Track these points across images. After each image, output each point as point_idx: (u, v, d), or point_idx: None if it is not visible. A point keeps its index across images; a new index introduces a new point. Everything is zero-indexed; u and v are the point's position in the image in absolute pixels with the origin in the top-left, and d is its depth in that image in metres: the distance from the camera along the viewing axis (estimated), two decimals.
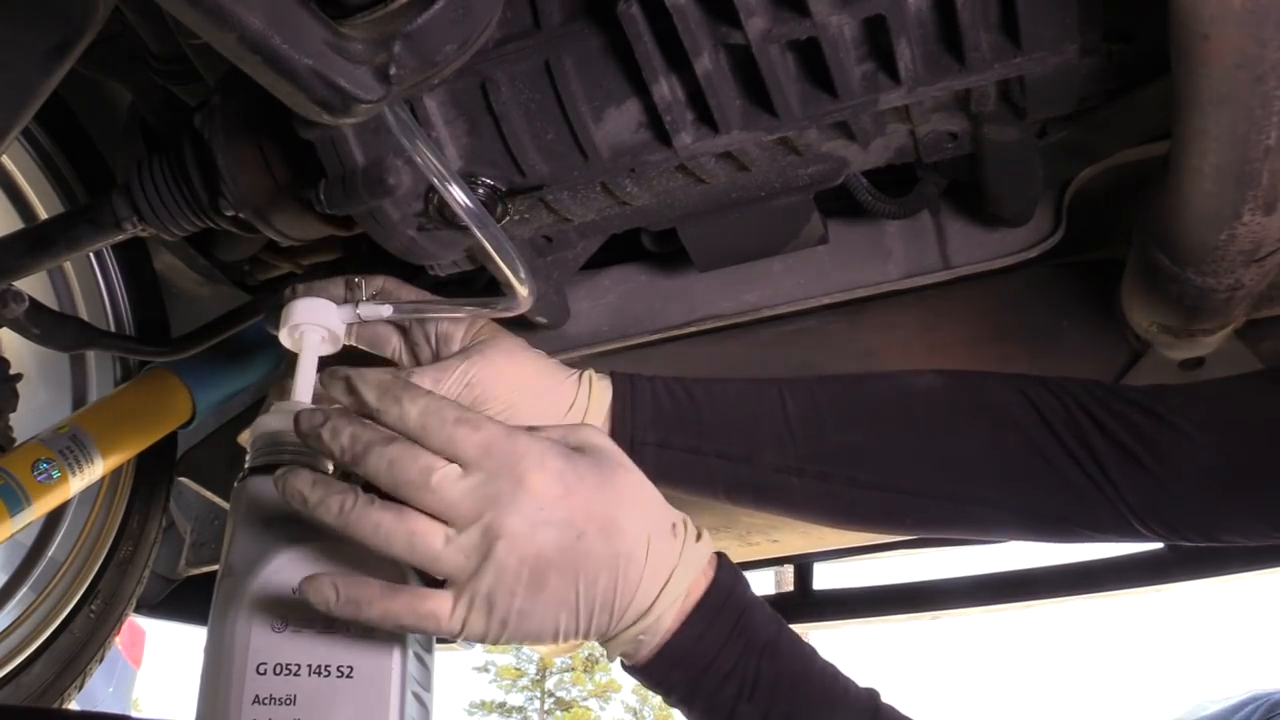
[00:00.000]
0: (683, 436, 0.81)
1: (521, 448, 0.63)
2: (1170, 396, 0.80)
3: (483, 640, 0.63)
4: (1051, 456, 0.79)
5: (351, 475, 0.64)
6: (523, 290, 0.75)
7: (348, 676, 0.63)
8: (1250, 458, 0.76)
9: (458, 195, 0.70)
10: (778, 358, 1.26)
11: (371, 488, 0.62)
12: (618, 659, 0.67)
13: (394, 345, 0.87)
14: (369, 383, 0.63)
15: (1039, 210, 0.99)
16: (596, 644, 0.66)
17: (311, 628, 0.65)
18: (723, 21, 0.72)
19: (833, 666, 0.67)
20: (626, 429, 0.81)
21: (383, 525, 0.60)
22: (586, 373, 0.83)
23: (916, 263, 1.04)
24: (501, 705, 20.96)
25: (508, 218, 0.86)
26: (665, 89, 0.76)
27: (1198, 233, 0.82)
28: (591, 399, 0.81)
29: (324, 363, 0.79)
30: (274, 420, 0.71)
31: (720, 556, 0.68)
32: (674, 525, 0.67)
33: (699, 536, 0.68)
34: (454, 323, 0.82)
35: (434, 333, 0.84)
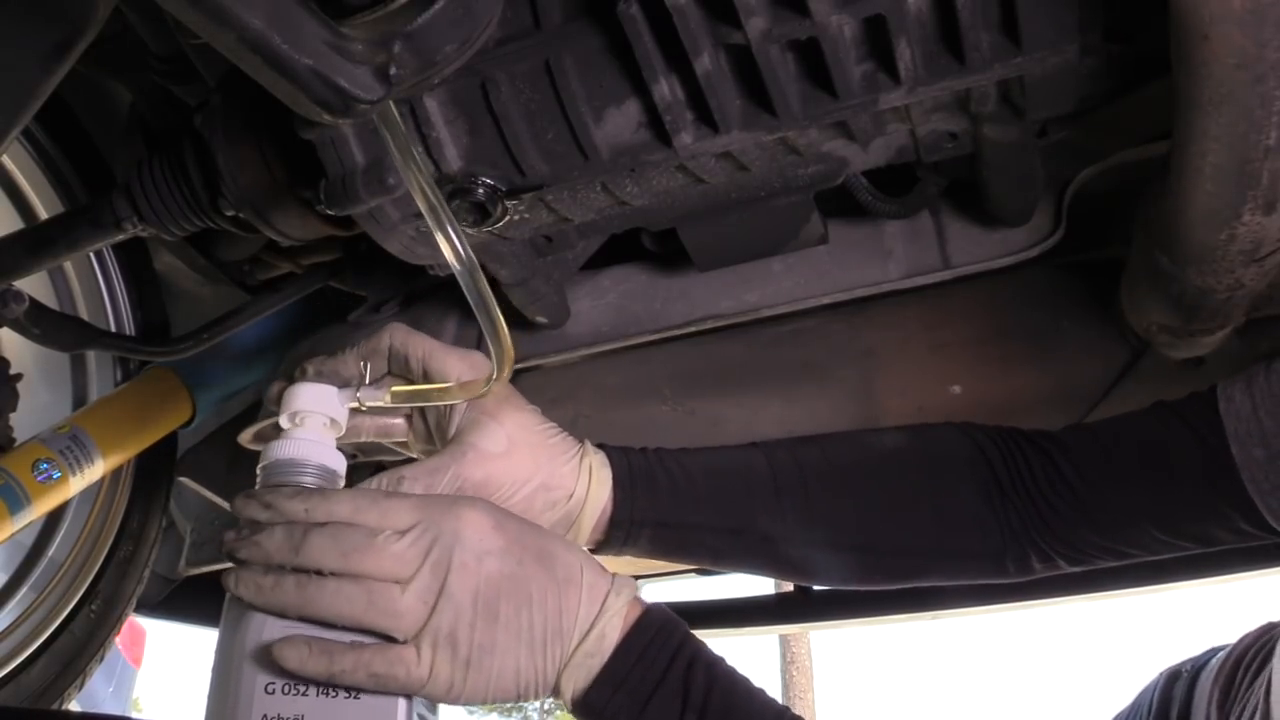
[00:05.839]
0: (678, 514, 0.83)
1: (453, 496, 0.69)
2: (1070, 432, 0.89)
3: (449, 691, 0.64)
4: (994, 499, 0.86)
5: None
6: (504, 373, 0.73)
7: (355, 697, 0.63)
8: (1118, 476, 0.84)
9: (452, 240, 0.66)
10: (778, 358, 1.26)
11: None
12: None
13: (400, 432, 0.85)
14: (289, 493, 0.66)
15: (1039, 210, 0.99)
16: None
17: None
18: (723, 21, 0.72)
19: (760, 688, 0.70)
20: (625, 514, 0.82)
21: (341, 590, 0.63)
22: (586, 457, 0.82)
23: (916, 263, 1.04)
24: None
25: (508, 217, 0.86)
26: (665, 89, 0.76)
27: (1198, 233, 0.82)
28: (591, 488, 0.81)
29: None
30: (286, 447, 0.71)
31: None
32: (601, 564, 0.71)
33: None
34: (462, 377, 0.79)
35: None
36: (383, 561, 0.63)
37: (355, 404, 0.77)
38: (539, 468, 0.79)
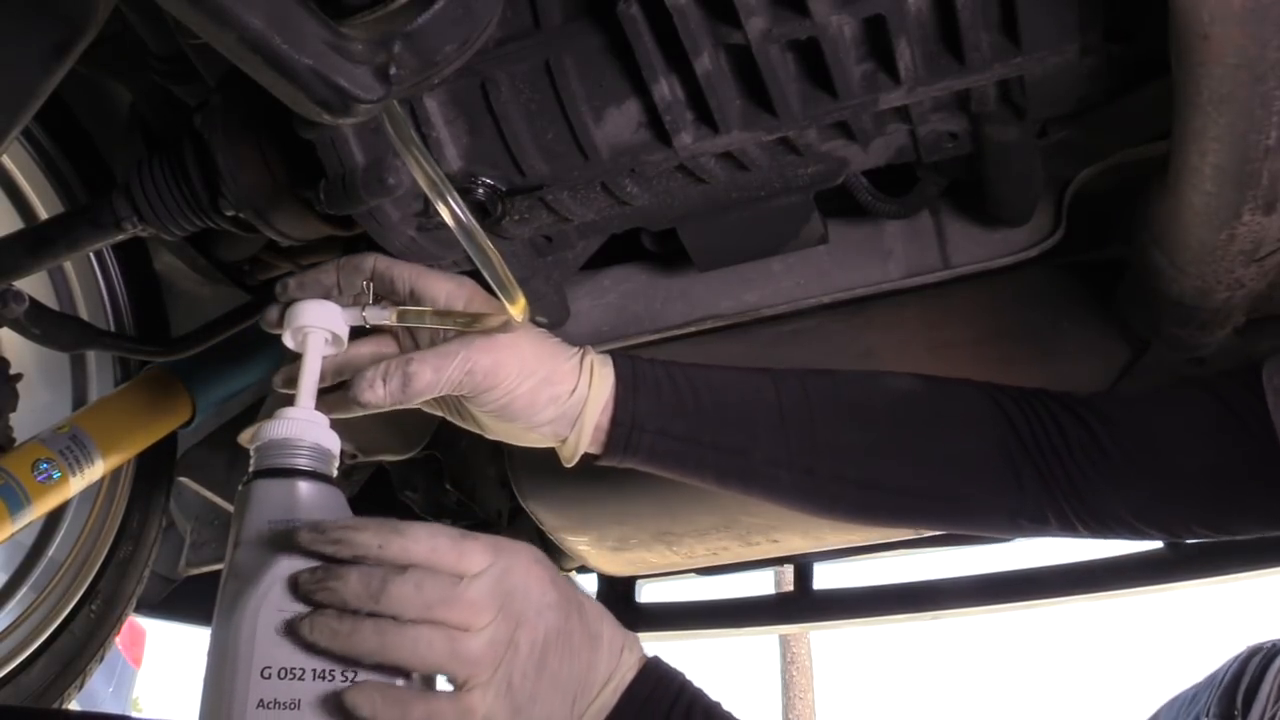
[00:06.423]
0: (681, 425, 0.83)
1: (515, 544, 0.69)
2: (1106, 399, 0.88)
3: None
4: (1014, 455, 0.85)
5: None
6: (516, 313, 0.74)
7: (352, 681, 0.63)
8: (1156, 450, 0.83)
9: (454, 207, 0.70)
10: (778, 358, 1.26)
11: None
12: None
13: (393, 330, 0.85)
14: (364, 525, 0.65)
15: (1039, 210, 0.99)
16: None
17: None
18: (723, 21, 0.72)
19: None
20: (627, 415, 0.82)
21: (422, 639, 0.63)
22: (588, 356, 0.83)
23: (916, 263, 1.04)
24: None
25: (507, 217, 0.86)
26: (665, 89, 0.76)
27: (1198, 233, 0.83)
28: (593, 384, 0.81)
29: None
30: (279, 426, 0.71)
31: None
32: (615, 619, 0.74)
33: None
34: (451, 296, 0.80)
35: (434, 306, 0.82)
36: (463, 610, 0.64)
37: (361, 322, 0.79)
38: (542, 362, 0.80)
